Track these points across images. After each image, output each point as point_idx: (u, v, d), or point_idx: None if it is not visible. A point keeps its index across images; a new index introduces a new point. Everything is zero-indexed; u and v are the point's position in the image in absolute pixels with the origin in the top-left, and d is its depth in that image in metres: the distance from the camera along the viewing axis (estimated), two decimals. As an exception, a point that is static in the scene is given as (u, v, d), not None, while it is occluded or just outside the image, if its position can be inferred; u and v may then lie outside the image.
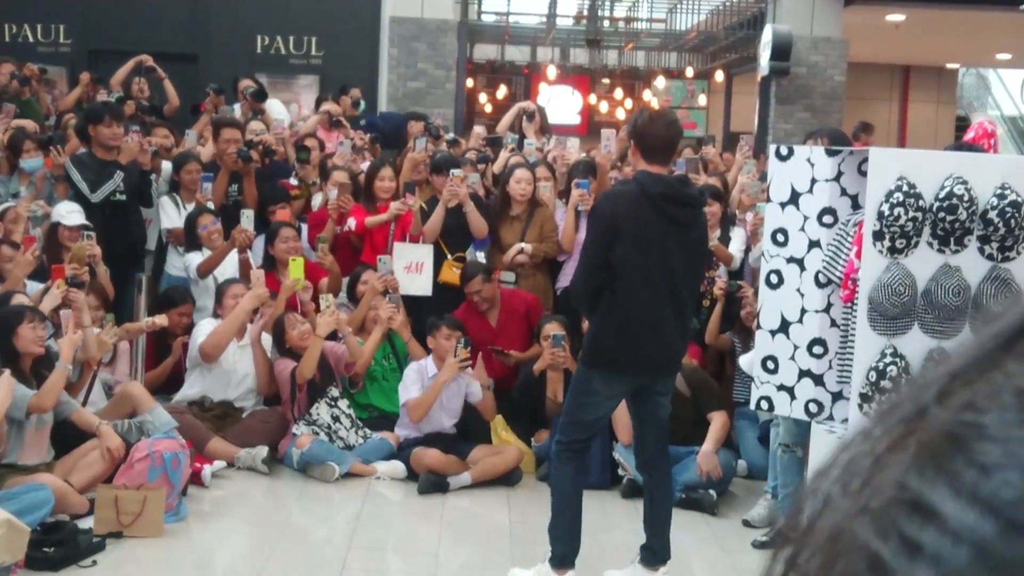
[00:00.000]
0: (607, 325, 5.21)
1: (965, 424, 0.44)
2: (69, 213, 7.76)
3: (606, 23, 18.65)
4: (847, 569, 0.44)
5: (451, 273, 8.20)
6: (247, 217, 8.12)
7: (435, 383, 7.20)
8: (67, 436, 6.31)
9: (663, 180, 5.28)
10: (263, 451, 7.10)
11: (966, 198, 5.05)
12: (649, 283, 5.18)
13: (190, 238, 8.27)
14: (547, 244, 8.16)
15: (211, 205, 8.45)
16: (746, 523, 6.57)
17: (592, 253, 5.18)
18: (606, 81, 19.95)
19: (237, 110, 10.68)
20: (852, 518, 0.45)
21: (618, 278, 5.13)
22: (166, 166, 8.99)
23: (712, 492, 6.83)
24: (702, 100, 20.02)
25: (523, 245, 8.07)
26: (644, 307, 5.19)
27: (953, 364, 0.47)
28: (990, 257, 5.16)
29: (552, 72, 18.10)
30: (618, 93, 19.76)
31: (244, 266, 8.09)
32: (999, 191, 5.09)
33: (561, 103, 18.86)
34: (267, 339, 7.62)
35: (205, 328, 7.50)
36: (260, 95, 10.81)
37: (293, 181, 9.38)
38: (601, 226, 5.14)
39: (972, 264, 5.14)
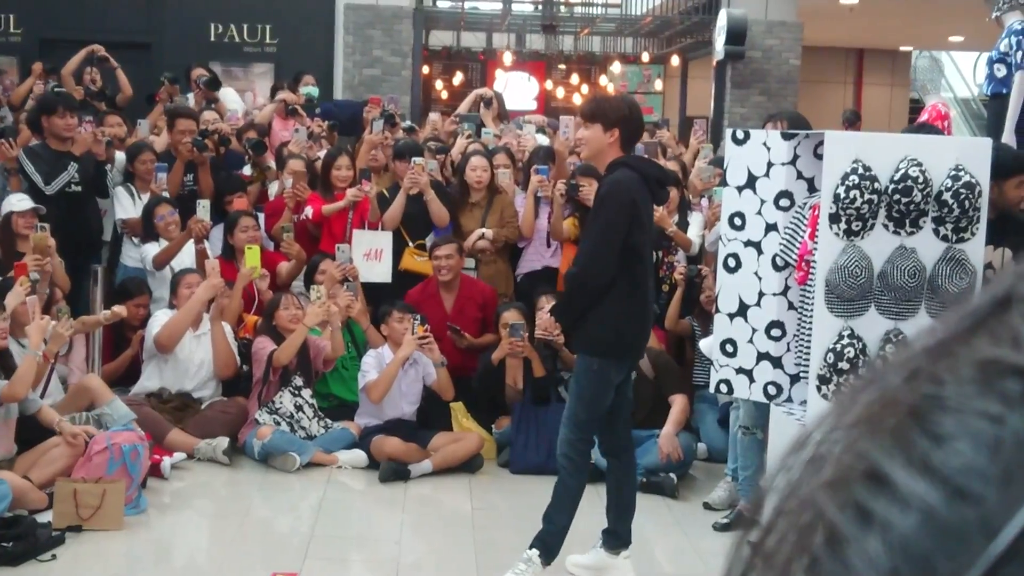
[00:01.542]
0: (628, 313, 5.16)
1: (925, 396, 0.44)
2: (19, 202, 7.68)
3: (562, 8, 18.62)
4: (807, 541, 0.45)
5: (412, 261, 8.19)
6: (203, 207, 8.06)
7: (394, 359, 7.19)
8: (30, 432, 6.27)
9: (652, 163, 5.58)
10: (223, 442, 7.07)
11: (921, 180, 5.09)
12: (649, 267, 5.35)
13: (147, 228, 8.20)
14: (508, 229, 8.16)
15: (167, 195, 8.38)
16: (707, 506, 6.61)
17: (613, 240, 5.06)
18: (562, 67, 19.93)
19: (191, 99, 10.60)
20: (815, 492, 0.46)
21: (635, 264, 5.14)
22: (120, 156, 8.91)
23: (672, 476, 6.86)
24: (658, 85, 20.06)
25: (484, 231, 8.07)
26: (651, 291, 5.36)
27: (922, 344, 0.47)
28: (945, 238, 5.20)
29: (508, 58, 18.08)
30: (574, 79, 19.74)
31: (201, 256, 8.04)
32: (953, 173, 5.13)
33: (517, 89, 18.83)
34: (227, 328, 7.60)
35: (160, 319, 7.46)
36: (213, 84, 10.73)
37: (246, 170, 9.31)
38: (624, 212, 5.06)
39: (927, 245, 5.18)
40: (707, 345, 6.62)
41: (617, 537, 5.51)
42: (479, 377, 7.49)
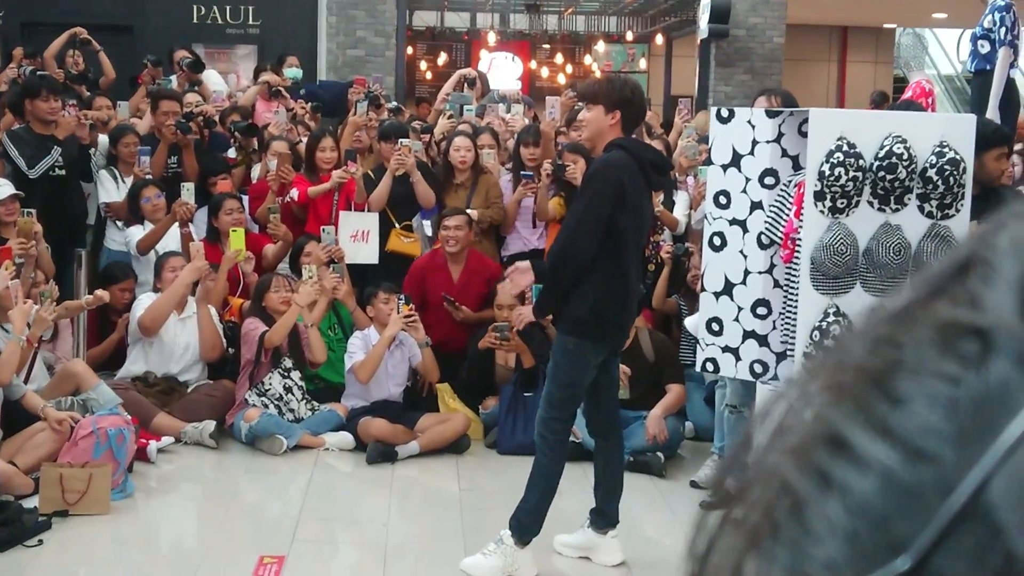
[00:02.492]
0: (608, 294, 5.15)
1: (886, 361, 0.45)
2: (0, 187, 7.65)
3: (545, -12, 18.60)
4: (771, 507, 0.45)
5: (399, 242, 8.18)
6: (187, 190, 8.04)
7: (381, 339, 7.18)
8: (15, 418, 6.25)
9: (650, 147, 5.53)
10: (210, 425, 7.06)
11: (905, 157, 5.10)
12: (636, 249, 5.31)
13: (132, 211, 8.17)
14: (493, 210, 8.15)
15: (150, 178, 8.35)
16: (694, 484, 6.62)
17: (596, 220, 5.04)
18: (546, 46, 19.91)
19: (174, 82, 10.55)
20: (780, 460, 0.46)
21: (617, 246, 5.12)
22: (103, 140, 8.87)
23: (660, 455, 6.87)
24: (643, 64, 20.05)
25: (469, 211, 8.05)
26: (633, 273, 5.31)
27: (886, 312, 0.48)
28: (930, 215, 5.21)
29: (492, 38, 18.05)
30: (558, 58, 19.72)
31: (186, 240, 8.01)
32: (938, 149, 5.13)
33: (502, 69, 18.80)
34: (212, 311, 7.58)
35: (145, 302, 7.44)
36: (196, 66, 10.68)
37: (231, 153, 9.28)
38: (609, 193, 5.04)
39: (912, 222, 5.19)
40: (692, 323, 6.62)
41: (605, 516, 5.51)
42: (468, 368, 7.49)
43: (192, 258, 7.48)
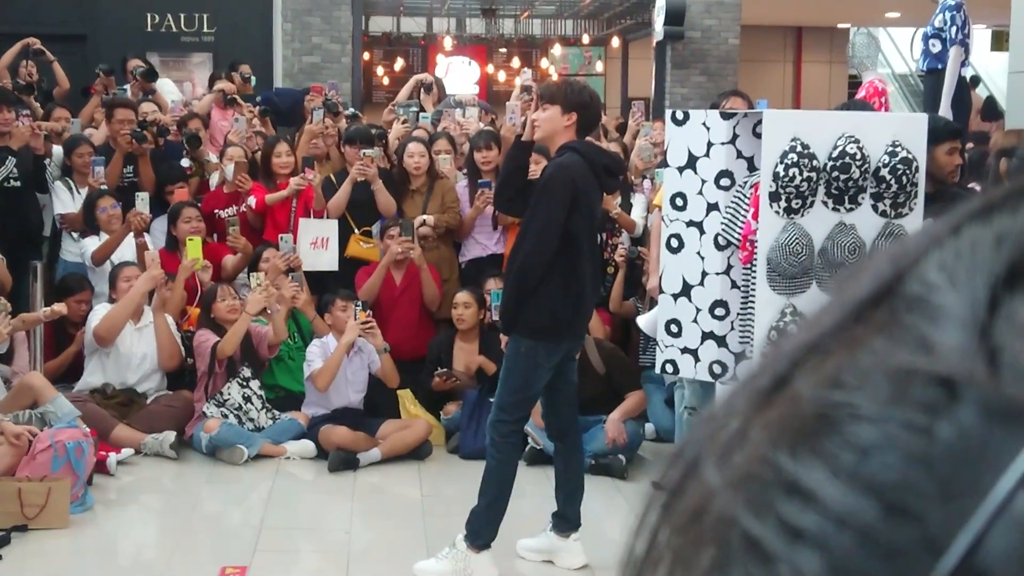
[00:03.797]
0: (562, 296, 5.17)
1: (835, 404, 0.43)
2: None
3: (501, -8, 18.61)
4: (720, 548, 0.43)
5: (358, 247, 8.16)
6: (142, 200, 7.99)
7: (339, 345, 7.17)
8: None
9: (604, 151, 5.60)
10: (170, 436, 7.02)
11: (858, 157, 5.14)
12: (589, 251, 5.32)
13: (88, 222, 8.11)
14: (449, 214, 8.15)
15: (105, 188, 8.30)
16: (655, 486, 6.62)
17: (554, 222, 5.07)
18: (503, 50, 19.93)
19: (128, 91, 10.48)
20: (718, 494, 0.44)
21: (571, 249, 5.14)
22: (57, 151, 8.81)
23: (621, 457, 6.89)
24: (599, 67, 20.12)
25: (425, 217, 8.05)
26: (587, 276, 5.31)
27: (806, 334, 0.46)
28: (884, 214, 5.25)
29: (448, 43, 18.05)
30: (515, 62, 19.74)
31: (141, 250, 7.96)
32: (890, 149, 5.18)
33: (458, 74, 18.81)
34: (168, 320, 7.55)
35: (100, 313, 7.39)
36: (150, 75, 10.62)
37: (185, 163, 9.22)
38: (564, 196, 5.06)
39: (867, 221, 5.23)
40: (644, 321, 6.63)
41: (567, 520, 5.52)
42: (427, 375, 7.50)
43: (147, 267, 7.44)
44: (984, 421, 0.40)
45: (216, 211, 8.51)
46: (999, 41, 20.68)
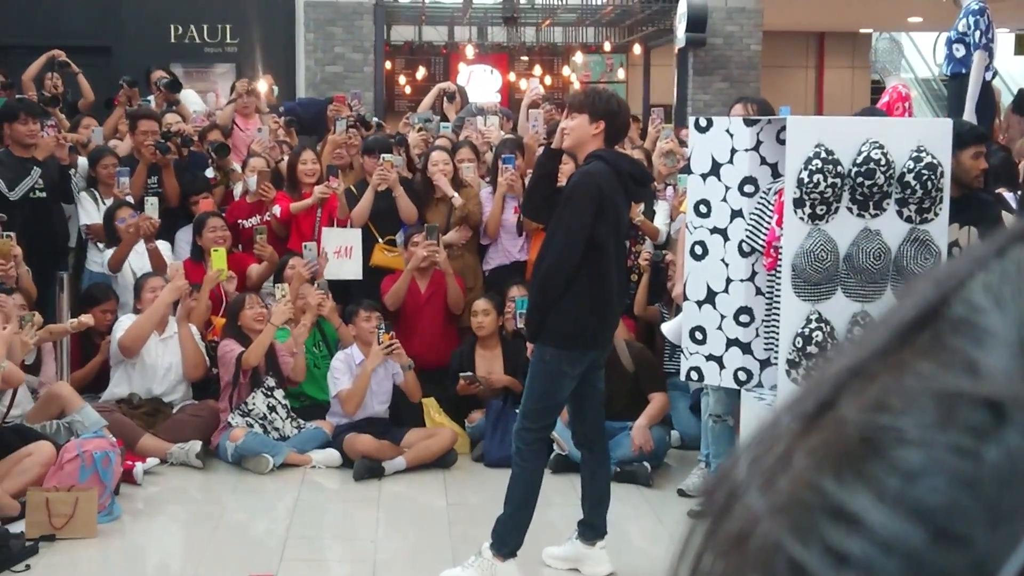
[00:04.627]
0: (588, 305, 5.16)
1: (881, 427, 0.42)
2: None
3: (522, 0, 18.61)
4: (765, 573, 0.42)
5: (383, 256, 8.18)
6: (151, 205, 8.01)
7: (363, 372, 7.19)
8: (1, 443, 6.23)
9: (630, 159, 5.60)
10: (196, 445, 7.04)
11: (883, 162, 5.12)
12: (616, 260, 5.31)
13: (109, 233, 8.16)
14: (472, 203, 8.13)
15: (130, 199, 8.34)
16: (681, 493, 6.63)
17: (579, 230, 5.07)
18: (525, 59, 19.94)
19: (151, 102, 10.53)
20: (762, 520, 0.44)
21: (598, 257, 5.13)
22: (83, 161, 8.86)
23: (646, 464, 6.88)
24: (621, 74, 20.10)
25: (454, 195, 8.03)
26: (614, 284, 5.30)
27: (852, 357, 0.46)
28: (908, 219, 5.23)
29: (470, 51, 18.06)
30: (537, 70, 19.74)
31: (154, 256, 7.99)
32: (915, 154, 5.16)
33: (480, 82, 18.83)
34: (193, 330, 7.58)
35: (125, 324, 7.43)
36: (174, 86, 10.67)
37: (209, 173, 9.26)
38: (590, 204, 5.06)
39: (891, 227, 5.22)
40: (668, 328, 6.62)
41: (593, 528, 5.52)
42: (451, 384, 7.52)
43: (171, 278, 7.48)
44: None
45: (239, 221, 8.54)
46: (1022, 45, 20.60)
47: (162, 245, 8.27)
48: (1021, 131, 9.91)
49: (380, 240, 8.24)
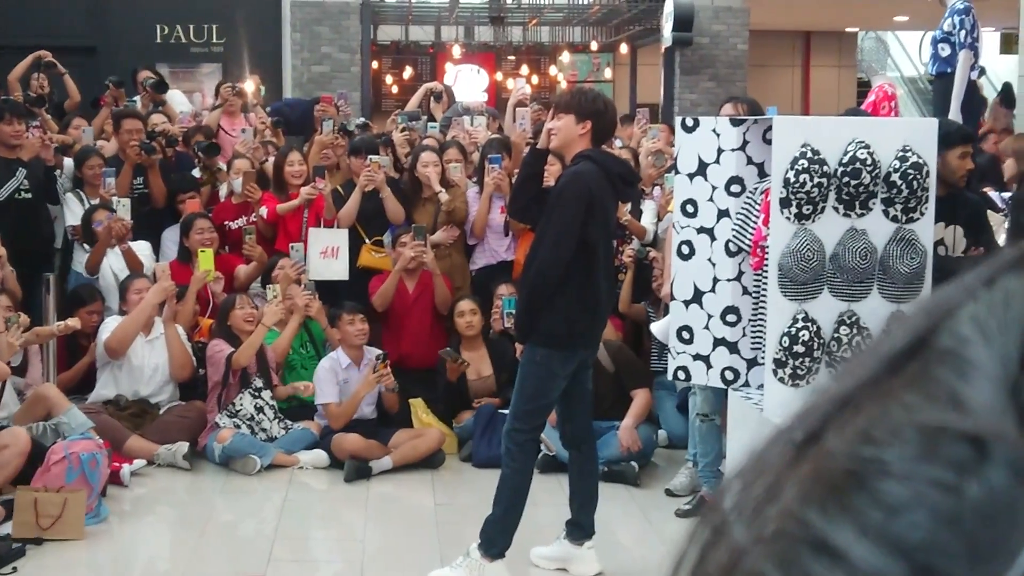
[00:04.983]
0: (577, 305, 5.16)
1: (865, 460, 0.42)
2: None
3: (509, 0, 18.61)
4: None
5: (370, 257, 8.17)
6: (123, 206, 7.99)
7: (353, 398, 7.21)
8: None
9: (619, 160, 5.64)
10: (183, 447, 7.03)
11: (869, 162, 5.13)
12: (604, 259, 5.33)
13: (87, 236, 8.13)
14: (458, 200, 8.12)
15: (116, 198, 8.30)
16: (669, 492, 6.64)
17: (570, 231, 5.07)
18: (511, 58, 19.94)
19: (138, 103, 10.50)
20: (748, 551, 0.43)
21: (588, 258, 5.14)
22: (68, 162, 8.84)
23: (634, 464, 6.89)
24: (608, 73, 20.11)
25: (441, 191, 8.04)
26: (603, 284, 5.32)
27: (840, 387, 0.46)
28: (895, 219, 5.24)
29: (457, 51, 18.06)
30: (524, 69, 19.74)
31: (128, 257, 7.97)
32: (901, 154, 5.17)
33: (467, 81, 18.82)
34: (180, 331, 7.56)
35: (110, 325, 7.41)
36: (160, 86, 10.63)
37: (196, 173, 9.24)
38: (580, 204, 5.07)
39: (877, 227, 5.22)
40: (658, 328, 6.63)
41: (581, 528, 5.52)
42: (443, 395, 7.52)
43: (157, 279, 7.46)
44: (1013, 481, 0.40)
45: (226, 223, 8.52)
46: (1008, 44, 20.64)
47: (143, 245, 8.26)
48: (1007, 123, 9.96)
49: (367, 241, 8.24)
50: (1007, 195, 7.23)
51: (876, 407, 0.43)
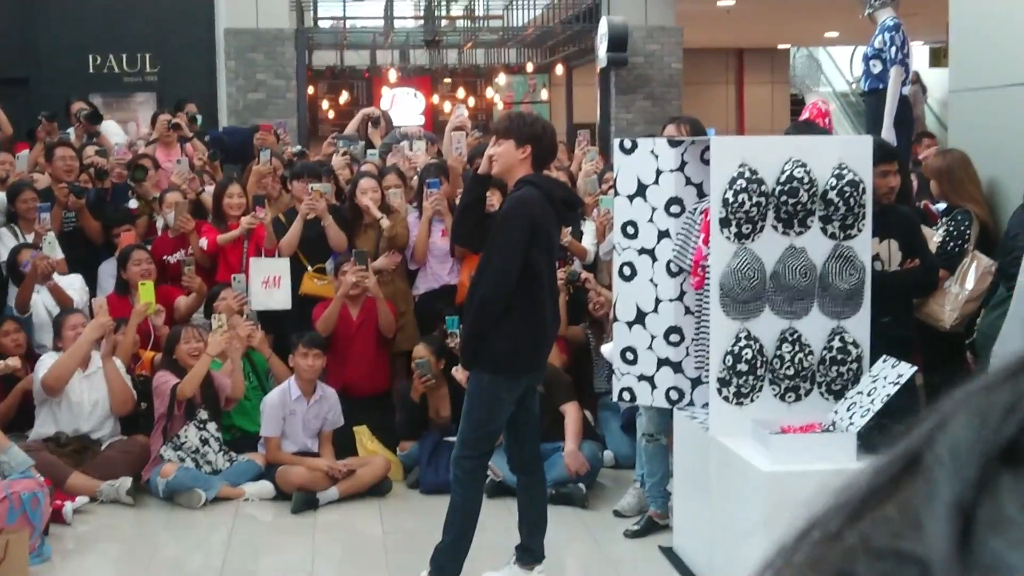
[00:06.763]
0: (523, 331, 5.17)
1: (844, 573, 0.44)
2: None
3: (444, 23, 18.65)
4: None
5: (313, 284, 8.12)
6: (49, 243, 7.91)
7: (314, 466, 7.10)
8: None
9: (561, 184, 5.68)
10: (126, 482, 6.94)
11: (806, 180, 5.19)
12: (549, 284, 5.32)
13: (12, 277, 8.00)
14: (399, 225, 8.08)
15: (28, 241, 8.15)
16: (617, 513, 6.65)
17: (513, 257, 5.07)
18: (448, 81, 19.97)
19: (72, 135, 10.40)
20: None
21: (532, 283, 5.14)
22: (0, 197, 8.71)
23: (581, 485, 6.89)
24: (544, 94, 20.20)
25: (382, 217, 7.99)
26: (548, 309, 5.31)
27: (859, 488, 0.47)
28: (833, 236, 5.30)
29: (393, 75, 18.06)
30: (460, 92, 19.79)
31: (56, 294, 7.87)
32: (837, 171, 5.23)
33: (404, 105, 18.82)
34: (119, 364, 7.47)
35: (47, 362, 7.29)
36: (94, 117, 10.53)
37: (132, 203, 9.15)
38: (524, 230, 5.07)
39: (816, 244, 5.28)
40: (608, 350, 6.65)
41: (530, 552, 5.52)
42: (402, 425, 7.45)
43: (95, 314, 7.36)
44: None
45: (164, 257, 8.43)
46: (937, 57, 20.99)
47: (75, 279, 8.15)
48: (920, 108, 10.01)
49: (309, 268, 8.19)
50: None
51: (866, 523, 0.44)
